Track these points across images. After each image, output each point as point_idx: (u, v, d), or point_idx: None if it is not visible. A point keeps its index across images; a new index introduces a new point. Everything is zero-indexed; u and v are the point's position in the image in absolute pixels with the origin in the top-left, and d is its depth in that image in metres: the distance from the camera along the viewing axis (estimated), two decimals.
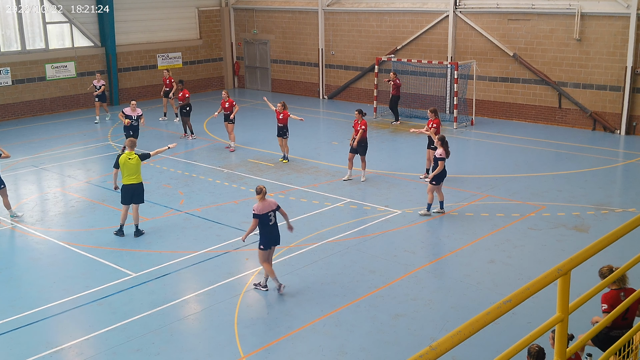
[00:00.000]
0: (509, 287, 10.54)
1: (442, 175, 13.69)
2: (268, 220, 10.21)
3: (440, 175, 13.65)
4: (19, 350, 8.99)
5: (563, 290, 3.49)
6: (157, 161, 18.45)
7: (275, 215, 10.31)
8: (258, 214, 10.14)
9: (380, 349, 8.88)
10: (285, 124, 17.84)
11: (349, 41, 26.91)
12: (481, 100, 23.52)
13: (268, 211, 10.19)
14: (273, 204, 10.32)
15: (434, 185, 13.64)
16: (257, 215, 10.14)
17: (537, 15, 21.85)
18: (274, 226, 10.35)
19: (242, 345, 9.02)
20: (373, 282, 10.88)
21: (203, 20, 30.22)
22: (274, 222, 10.33)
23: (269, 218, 10.21)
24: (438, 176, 13.62)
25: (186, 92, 21.00)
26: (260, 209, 10.16)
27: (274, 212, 10.27)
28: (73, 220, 14.16)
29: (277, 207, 10.35)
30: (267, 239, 10.34)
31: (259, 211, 10.14)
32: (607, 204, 14.41)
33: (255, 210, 10.16)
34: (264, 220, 10.19)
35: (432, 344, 2.72)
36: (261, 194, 10.21)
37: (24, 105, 25.24)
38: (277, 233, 10.46)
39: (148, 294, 10.59)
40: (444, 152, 13.57)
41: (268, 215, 10.19)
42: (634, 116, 20.66)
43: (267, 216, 10.18)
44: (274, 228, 10.36)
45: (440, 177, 13.67)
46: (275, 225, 10.37)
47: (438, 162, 13.55)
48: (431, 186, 13.66)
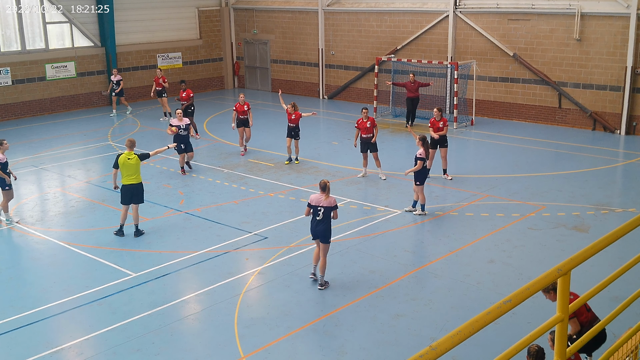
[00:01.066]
0: (509, 287, 10.54)
1: (424, 175, 13.73)
2: (316, 214, 10.48)
3: (423, 175, 13.68)
4: (19, 350, 8.99)
5: (563, 290, 3.49)
6: (157, 161, 18.45)
7: (324, 213, 10.41)
8: (309, 202, 10.57)
9: (380, 349, 8.88)
10: (296, 125, 17.70)
11: (349, 41, 26.92)
12: (481, 100, 23.52)
13: (318, 205, 10.43)
14: (326, 201, 10.41)
15: (418, 186, 13.67)
16: (309, 204, 10.58)
17: (537, 15, 21.85)
18: (320, 222, 10.46)
19: (242, 345, 9.02)
20: (373, 282, 10.88)
21: (203, 20, 30.23)
22: (321, 219, 10.44)
23: (317, 212, 10.46)
24: (422, 176, 13.64)
25: (190, 92, 20.99)
26: (312, 199, 10.57)
27: (324, 209, 10.40)
28: (73, 220, 14.16)
29: (331, 207, 10.43)
30: (311, 230, 10.70)
31: (311, 201, 10.56)
32: (607, 204, 14.41)
33: (309, 199, 10.63)
34: (314, 212, 10.51)
35: (432, 344, 2.72)
36: (320, 186, 10.56)
37: (24, 105, 25.24)
38: (320, 230, 10.50)
39: (148, 294, 10.59)
40: (424, 152, 13.59)
41: (317, 209, 10.45)
42: (634, 116, 20.66)
43: (316, 209, 10.47)
44: (319, 223, 10.47)
45: (424, 176, 13.70)
46: (321, 222, 10.45)
47: (417, 162, 13.55)
48: (417, 187, 13.68)
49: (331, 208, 10.43)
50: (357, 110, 25.17)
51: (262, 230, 13.19)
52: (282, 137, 18.73)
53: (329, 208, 10.41)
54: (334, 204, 10.49)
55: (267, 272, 11.38)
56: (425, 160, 13.65)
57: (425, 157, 13.60)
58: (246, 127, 18.90)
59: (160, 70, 24.22)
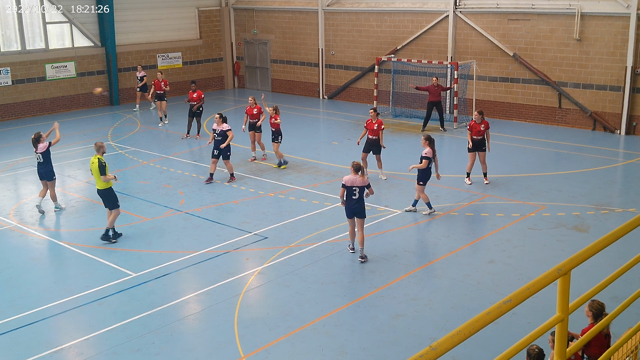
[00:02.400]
0: (509, 287, 10.54)
1: (428, 176, 13.68)
2: (352, 193, 11.26)
3: (427, 175, 13.64)
4: (19, 350, 8.99)
5: (563, 290, 3.50)
6: (157, 161, 18.46)
7: (360, 192, 11.29)
8: (344, 184, 11.34)
9: (380, 349, 8.88)
10: (277, 129, 17.28)
11: (349, 41, 26.92)
12: (481, 100, 23.52)
13: (353, 185, 11.23)
14: (361, 181, 11.27)
15: (420, 186, 13.65)
16: (344, 185, 11.35)
17: (537, 15, 21.85)
18: (357, 201, 11.33)
19: (242, 345, 9.02)
20: (373, 282, 10.88)
21: (203, 20, 30.23)
22: (359, 198, 11.32)
23: (352, 192, 11.27)
24: (425, 176, 13.61)
25: (201, 93, 20.85)
26: (346, 180, 11.33)
27: (359, 188, 11.27)
28: (73, 220, 14.16)
29: (365, 185, 11.36)
30: (348, 210, 11.47)
31: (345, 182, 11.33)
32: (607, 204, 14.41)
33: (343, 181, 11.37)
34: (349, 192, 11.30)
35: (432, 344, 2.72)
36: (352, 168, 11.37)
37: (24, 105, 25.24)
38: (358, 207, 11.37)
39: (148, 294, 10.59)
40: (430, 152, 13.54)
41: (352, 189, 11.26)
42: (634, 116, 20.66)
43: (351, 189, 11.27)
44: (356, 202, 11.34)
45: (427, 177, 13.66)
46: (358, 200, 11.34)
47: (422, 160, 13.51)
48: (419, 186, 13.66)
49: (365, 186, 11.35)
50: (357, 110, 25.23)
51: (262, 230, 13.19)
52: (283, 137, 18.68)
53: (363, 187, 11.32)
54: (367, 182, 11.42)
55: (267, 272, 11.38)
56: (431, 159, 13.58)
57: (431, 156, 13.55)
58: (256, 132, 18.18)
59: (161, 73, 23.99)
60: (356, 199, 11.34)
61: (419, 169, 13.62)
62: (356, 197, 11.32)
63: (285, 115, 22.62)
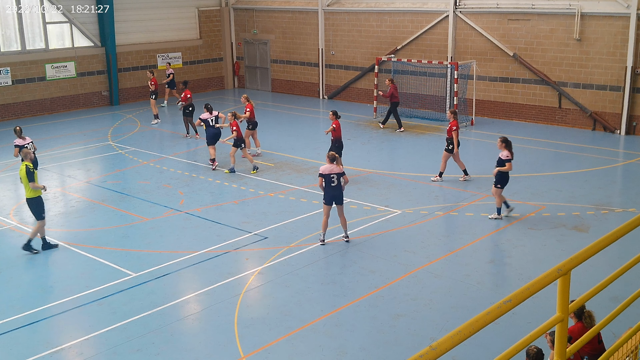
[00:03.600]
0: (509, 287, 10.54)
1: (507, 178, 13.46)
2: (330, 181, 12.00)
3: (506, 178, 13.43)
4: (19, 350, 8.99)
5: (563, 290, 3.49)
6: (157, 161, 18.46)
7: (337, 178, 12.04)
8: (322, 173, 12.04)
9: (380, 349, 8.88)
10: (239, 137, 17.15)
11: (349, 41, 26.91)
12: (481, 100, 23.52)
13: (331, 173, 11.99)
14: (337, 169, 12.09)
15: (499, 189, 13.39)
16: (320, 174, 12.05)
17: (537, 15, 21.85)
18: (335, 187, 12.06)
19: (242, 345, 9.02)
20: (373, 282, 10.88)
21: (203, 20, 30.23)
22: (336, 184, 12.05)
23: (331, 179, 12.00)
24: (504, 180, 13.41)
25: (188, 93, 20.98)
26: (323, 169, 12.06)
27: (336, 175, 12.02)
28: (73, 220, 14.16)
29: (342, 173, 12.15)
30: (327, 196, 12.12)
31: (323, 171, 12.04)
32: (607, 204, 14.41)
33: (320, 170, 12.10)
34: (327, 180, 12.01)
35: (432, 344, 2.72)
36: (328, 159, 12.18)
37: (24, 105, 25.24)
38: (337, 193, 12.11)
39: (148, 294, 10.59)
40: (510, 154, 13.31)
41: (330, 176, 12.00)
42: (634, 116, 20.65)
43: (329, 177, 12.01)
44: (335, 189, 12.07)
45: (506, 180, 13.44)
46: (336, 187, 12.07)
47: (505, 164, 13.26)
48: (496, 189, 13.41)
49: (342, 174, 12.13)
50: (357, 110, 25.24)
51: (262, 230, 13.19)
52: (281, 137, 18.76)
53: (340, 174, 12.07)
54: (342, 170, 12.26)
55: (267, 272, 11.38)
56: (510, 161, 13.30)
57: (510, 158, 13.29)
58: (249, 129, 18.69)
59: (152, 72, 23.88)
60: (335, 186, 12.03)
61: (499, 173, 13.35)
62: (335, 184, 12.02)
63: (285, 115, 22.66)
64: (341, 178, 12.16)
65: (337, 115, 16.28)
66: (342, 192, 12.24)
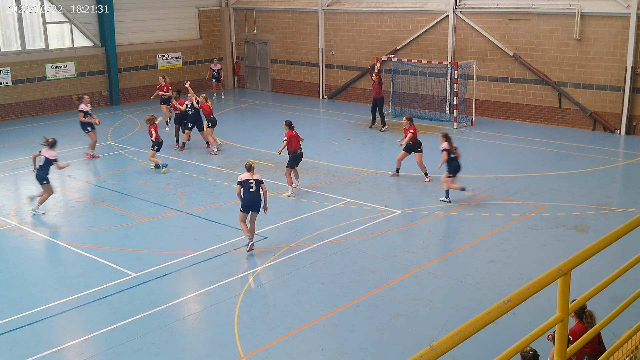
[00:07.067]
0: (509, 287, 10.54)
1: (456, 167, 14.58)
2: (249, 186, 11.91)
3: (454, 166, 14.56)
4: (19, 350, 8.99)
5: (563, 290, 3.49)
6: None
7: (256, 184, 11.94)
8: (239, 181, 11.99)
9: (380, 349, 8.88)
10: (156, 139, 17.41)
11: (349, 41, 26.92)
12: (481, 100, 23.52)
13: (249, 179, 11.93)
14: (252, 177, 12.00)
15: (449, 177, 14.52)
16: (239, 182, 11.99)
17: (537, 15, 21.85)
18: (254, 193, 11.94)
19: (242, 345, 9.02)
20: (373, 282, 10.88)
21: (203, 20, 30.23)
22: (255, 190, 11.95)
23: (249, 185, 11.91)
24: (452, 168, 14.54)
25: (182, 102, 20.41)
26: (241, 177, 12.03)
27: (255, 181, 11.95)
28: (73, 220, 14.16)
29: (260, 180, 12.07)
30: (245, 203, 11.94)
31: (240, 179, 12.00)
32: (607, 204, 14.41)
33: (239, 179, 12.04)
34: (246, 186, 11.91)
35: (432, 344, 2.72)
36: (245, 168, 12.13)
37: (24, 105, 25.24)
38: (256, 199, 11.96)
39: (148, 294, 10.59)
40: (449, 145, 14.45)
41: (249, 182, 11.93)
42: (634, 116, 20.65)
43: (247, 183, 11.93)
44: (254, 194, 11.94)
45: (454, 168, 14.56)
46: (255, 192, 11.95)
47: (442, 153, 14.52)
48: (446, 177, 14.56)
49: (260, 181, 12.05)
50: (357, 110, 25.26)
51: (262, 230, 13.18)
52: (281, 138, 18.61)
53: (258, 181, 12.01)
54: (261, 178, 12.16)
55: (267, 272, 11.38)
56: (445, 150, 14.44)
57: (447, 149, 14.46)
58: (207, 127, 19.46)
59: (164, 78, 22.63)
60: (253, 192, 11.93)
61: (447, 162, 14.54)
62: (253, 189, 11.93)
63: (285, 115, 22.63)
64: (260, 186, 12.01)
65: (292, 126, 15.64)
66: (260, 200, 12.00)
